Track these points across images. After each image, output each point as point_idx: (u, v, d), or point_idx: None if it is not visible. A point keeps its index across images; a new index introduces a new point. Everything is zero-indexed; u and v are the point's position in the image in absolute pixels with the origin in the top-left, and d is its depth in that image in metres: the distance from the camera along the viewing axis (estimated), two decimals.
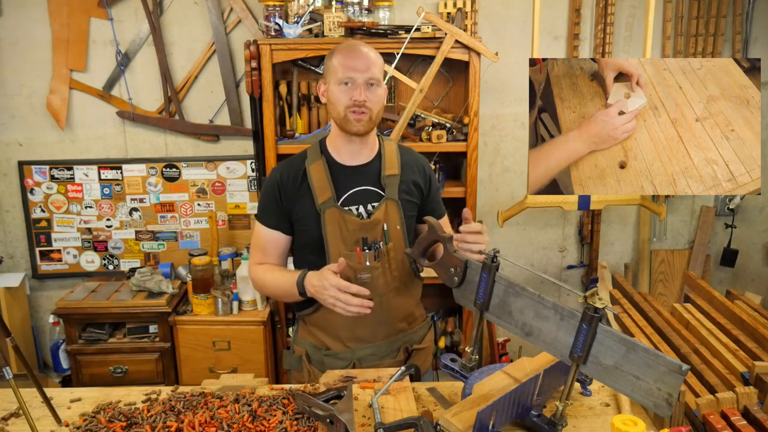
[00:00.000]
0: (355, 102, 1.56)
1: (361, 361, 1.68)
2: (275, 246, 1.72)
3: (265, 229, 1.71)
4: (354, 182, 1.66)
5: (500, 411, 1.18)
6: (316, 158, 1.67)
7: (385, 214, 1.65)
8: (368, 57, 1.59)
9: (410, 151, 1.79)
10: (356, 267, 1.61)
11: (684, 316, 1.98)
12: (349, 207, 1.64)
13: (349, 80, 1.57)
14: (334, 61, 1.59)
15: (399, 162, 1.71)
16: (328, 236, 1.62)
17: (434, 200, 1.77)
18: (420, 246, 1.49)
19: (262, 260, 1.73)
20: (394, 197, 1.66)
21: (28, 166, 3.04)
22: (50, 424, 1.34)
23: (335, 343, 1.70)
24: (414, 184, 1.71)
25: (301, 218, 1.66)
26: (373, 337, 1.69)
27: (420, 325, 1.79)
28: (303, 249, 1.72)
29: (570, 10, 2.97)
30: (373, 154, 1.70)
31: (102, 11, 2.89)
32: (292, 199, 1.66)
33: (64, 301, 2.81)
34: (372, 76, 1.58)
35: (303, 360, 1.73)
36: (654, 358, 1.06)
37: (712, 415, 1.41)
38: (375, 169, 1.68)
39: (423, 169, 1.76)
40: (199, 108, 3.03)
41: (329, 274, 1.49)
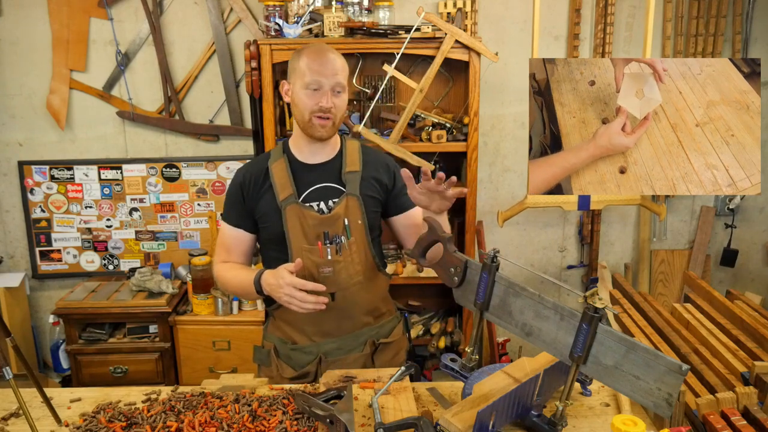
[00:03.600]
0: (321, 108, 1.60)
1: (326, 355, 1.71)
2: (238, 244, 1.75)
3: (228, 227, 1.74)
4: (315, 179, 1.69)
5: (500, 411, 1.18)
6: (279, 157, 1.71)
7: (346, 209, 1.67)
8: (335, 63, 1.61)
9: (374, 150, 1.81)
10: (318, 261, 1.64)
11: (684, 316, 1.98)
12: (311, 203, 1.68)
13: (317, 85, 1.59)
14: (302, 63, 1.60)
15: (360, 159, 1.73)
16: (290, 232, 1.65)
17: (402, 194, 1.76)
18: (420, 246, 1.49)
19: (226, 259, 1.77)
20: (355, 193, 1.68)
21: (28, 166, 3.04)
22: (50, 424, 1.34)
23: (301, 337, 1.73)
24: (376, 180, 1.73)
25: (264, 215, 1.69)
26: (338, 331, 1.71)
27: (387, 319, 1.81)
28: (266, 245, 1.76)
29: (570, 10, 2.97)
30: (335, 153, 1.74)
31: (102, 11, 2.89)
32: (254, 197, 1.69)
33: (64, 301, 2.81)
34: (338, 82, 1.60)
35: (271, 355, 1.76)
36: (654, 358, 1.06)
37: (712, 415, 1.41)
38: (336, 167, 1.71)
39: (387, 166, 1.77)
40: (199, 108, 3.03)
41: (284, 273, 1.51)
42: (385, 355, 1.77)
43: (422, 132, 2.76)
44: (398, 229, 1.79)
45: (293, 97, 1.64)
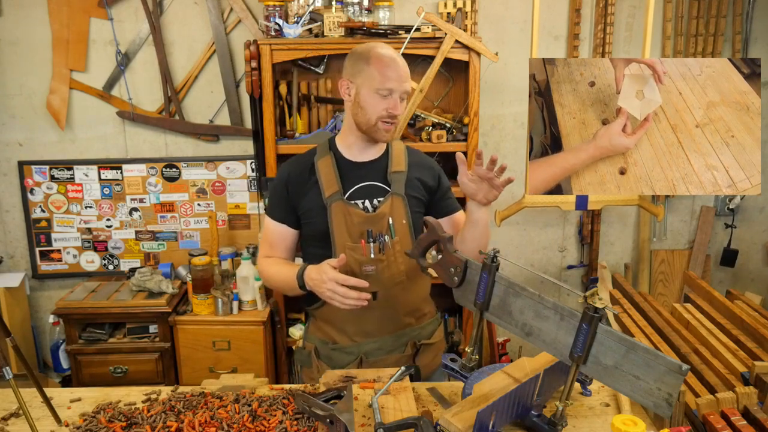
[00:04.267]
0: (390, 114, 1.61)
1: (367, 356, 1.70)
2: (282, 239, 1.75)
3: (272, 222, 1.75)
4: (361, 177, 1.70)
5: (500, 411, 1.18)
6: (325, 154, 1.71)
7: (391, 208, 1.67)
8: (405, 70, 1.63)
9: (419, 152, 1.82)
10: (361, 259, 1.64)
11: (684, 316, 1.98)
12: (355, 201, 1.68)
13: (388, 92, 1.60)
14: (372, 68, 1.60)
15: (406, 160, 1.74)
16: (334, 229, 1.65)
17: (446, 197, 1.79)
18: (420, 246, 1.49)
19: (269, 254, 1.77)
20: (400, 192, 1.69)
21: (28, 166, 3.04)
22: (50, 424, 1.34)
23: (342, 337, 1.72)
24: (421, 181, 1.74)
25: (308, 211, 1.69)
26: (379, 332, 1.71)
27: (428, 321, 1.80)
28: (310, 241, 1.75)
29: (570, 10, 2.97)
30: (381, 152, 1.75)
31: (102, 11, 2.89)
32: (299, 193, 1.70)
33: (64, 301, 2.81)
34: (406, 90, 1.63)
35: (312, 355, 1.75)
36: (654, 358, 1.06)
37: (712, 415, 1.41)
38: (382, 166, 1.72)
39: (431, 168, 1.79)
40: (199, 108, 3.03)
41: (328, 268, 1.51)
42: (426, 356, 1.76)
43: (422, 132, 2.76)
44: None
45: (358, 99, 1.64)
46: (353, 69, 1.65)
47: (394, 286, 1.68)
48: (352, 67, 1.66)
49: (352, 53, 1.67)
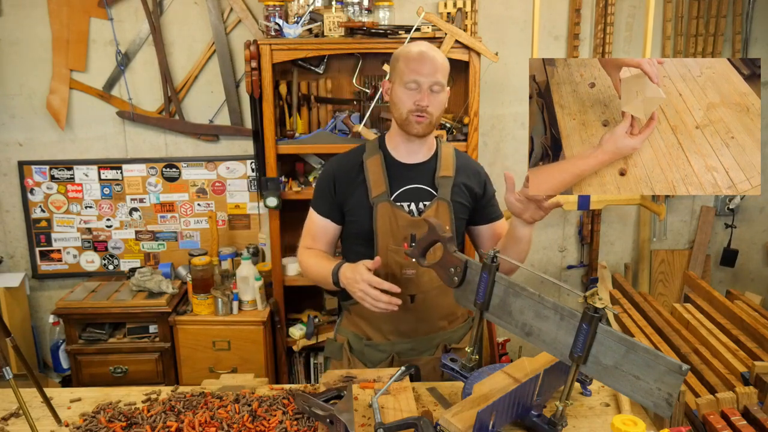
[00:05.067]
0: (418, 106, 1.60)
1: (399, 355, 1.72)
2: (324, 233, 1.76)
3: (317, 216, 1.75)
4: (408, 179, 1.69)
5: (500, 411, 1.18)
6: (374, 153, 1.71)
7: (436, 213, 1.67)
8: (435, 62, 1.60)
9: (467, 157, 1.81)
10: (402, 262, 1.65)
11: (684, 316, 1.99)
12: (401, 203, 1.67)
13: (414, 84, 1.59)
14: (401, 62, 1.61)
15: (454, 165, 1.73)
16: (378, 229, 1.65)
17: (490, 204, 1.79)
18: (420, 246, 1.49)
19: (310, 245, 1.78)
20: (446, 198, 1.68)
21: (28, 166, 3.04)
22: (50, 424, 1.34)
23: (377, 334, 1.74)
24: (467, 187, 1.73)
25: (353, 209, 1.69)
26: (414, 332, 1.73)
27: (460, 324, 1.82)
28: (352, 239, 1.75)
29: (570, 10, 2.97)
30: (430, 154, 1.74)
31: (102, 11, 2.89)
32: (346, 191, 1.70)
33: (64, 301, 2.81)
34: (436, 81, 1.60)
35: (344, 348, 1.77)
36: (654, 358, 1.06)
37: (712, 415, 1.41)
38: (430, 169, 1.71)
39: (478, 173, 1.78)
40: (199, 108, 3.03)
41: (363, 269, 1.52)
42: None
43: None
44: (481, 238, 1.79)
45: (392, 96, 1.65)
46: (391, 69, 1.67)
47: (432, 290, 1.69)
48: (391, 68, 1.68)
49: (392, 56, 1.69)
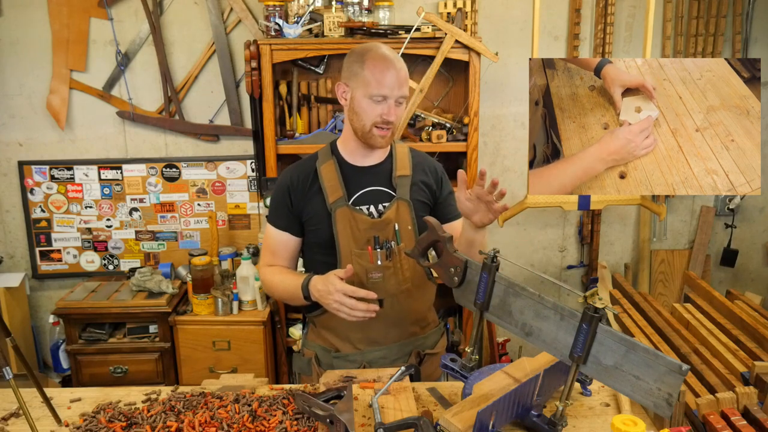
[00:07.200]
0: (384, 120, 1.56)
1: (371, 364, 1.67)
2: (285, 248, 1.71)
3: (275, 230, 1.70)
4: (365, 182, 1.66)
5: (500, 411, 1.18)
6: (327, 159, 1.67)
7: (397, 213, 1.64)
8: (401, 74, 1.56)
9: (422, 154, 1.78)
10: (367, 266, 1.61)
11: (684, 316, 1.99)
12: (360, 206, 1.64)
13: (381, 98, 1.54)
14: (367, 72, 1.54)
15: (410, 163, 1.70)
16: (339, 235, 1.61)
17: (447, 203, 1.75)
18: (420, 246, 1.49)
19: (271, 262, 1.72)
20: (405, 197, 1.65)
21: (28, 166, 3.04)
22: (50, 424, 1.34)
23: (345, 345, 1.69)
24: (425, 184, 1.70)
25: (312, 218, 1.65)
26: (384, 339, 1.68)
27: (432, 330, 1.78)
28: (314, 249, 1.71)
29: (570, 10, 2.97)
30: (385, 155, 1.70)
31: (102, 11, 2.89)
32: (302, 200, 1.65)
33: (64, 301, 2.81)
34: (403, 94, 1.57)
35: (312, 363, 1.72)
36: (654, 358, 1.06)
37: (712, 415, 1.41)
38: (386, 170, 1.68)
39: (435, 170, 1.74)
40: (199, 108, 3.03)
41: (335, 279, 1.48)
42: (429, 366, 1.73)
43: (422, 132, 2.76)
44: None
45: (353, 104, 1.59)
46: (349, 72, 1.60)
47: (400, 293, 1.65)
48: (348, 69, 1.60)
49: (349, 55, 1.61)
